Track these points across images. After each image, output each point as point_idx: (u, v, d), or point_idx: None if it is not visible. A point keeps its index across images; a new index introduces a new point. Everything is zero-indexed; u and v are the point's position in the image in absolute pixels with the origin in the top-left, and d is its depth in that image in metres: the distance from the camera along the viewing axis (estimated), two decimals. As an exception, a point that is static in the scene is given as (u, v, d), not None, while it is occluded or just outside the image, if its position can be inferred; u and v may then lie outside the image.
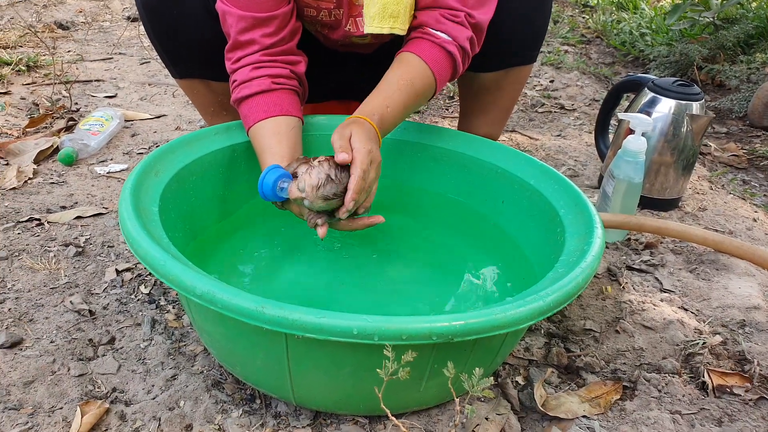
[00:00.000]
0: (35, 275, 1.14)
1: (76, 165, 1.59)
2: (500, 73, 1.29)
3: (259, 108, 1.05)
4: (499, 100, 1.35)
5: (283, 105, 1.06)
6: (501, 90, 1.33)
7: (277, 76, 1.07)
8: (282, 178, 0.93)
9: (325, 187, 0.88)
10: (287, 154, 1.01)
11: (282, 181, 0.92)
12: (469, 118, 1.41)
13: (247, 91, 1.05)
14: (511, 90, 1.34)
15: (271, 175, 0.92)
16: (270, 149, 1.02)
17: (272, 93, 1.06)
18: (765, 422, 0.90)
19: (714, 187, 1.67)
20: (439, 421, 0.88)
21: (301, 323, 0.68)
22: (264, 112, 1.04)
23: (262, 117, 1.04)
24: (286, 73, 1.08)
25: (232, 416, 0.87)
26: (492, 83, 1.31)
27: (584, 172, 1.72)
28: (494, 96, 1.34)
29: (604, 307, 1.14)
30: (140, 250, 0.78)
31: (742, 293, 1.16)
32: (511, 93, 1.35)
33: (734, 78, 2.35)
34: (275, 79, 1.06)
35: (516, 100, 1.40)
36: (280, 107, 1.05)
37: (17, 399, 0.87)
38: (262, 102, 1.05)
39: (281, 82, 1.07)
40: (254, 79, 1.05)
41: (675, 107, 1.44)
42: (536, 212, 1.07)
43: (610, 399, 0.93)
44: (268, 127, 1.04)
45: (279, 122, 1.04)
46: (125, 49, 2.63)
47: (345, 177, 0.90)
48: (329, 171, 0.89)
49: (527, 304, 0.73)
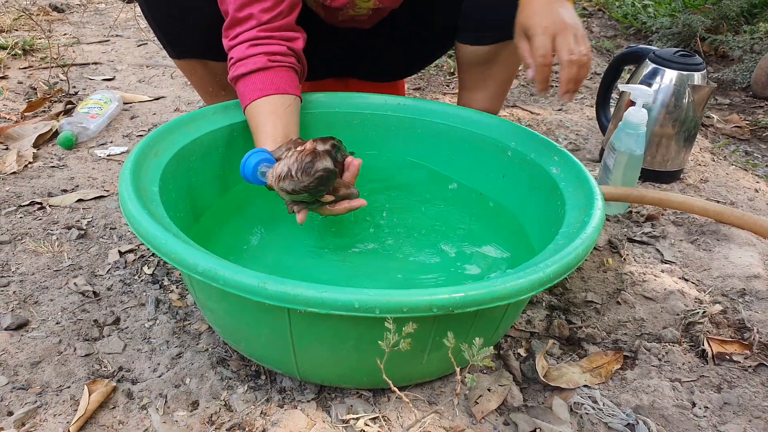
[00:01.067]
0: (39, 258, 1.14)
1: (75, 148, 1.59)
2: (497, 47, 1.27)
3: (255, 87, 1.04)
4: (498, 74, 1.34)
5: (279, 83, 1.05)
6: (499, 63, 1.32)
7: (273, 53, 1.06)
8: (264, 162, 0.93)
9: (284, 180, 0.89)
10: (281, 134, 1.01)
11: (263, 165, 0.93)
12: (468, 93, 1.40)
13: (244, 69, 1.05)
14: (509, 63, 1.33)
15: (253, 159, 0.93)
16: (264, 129, 1.02)
17: (269, 71, 1.05)
18: (764, 388, 0.90)
19: (716, 159, 1.67)
20: (442, 393, 0.89)
21: (303, 298, 0.69)
22: (260, 91, 1.04)
23: (257, 96, 1.04)
24: (283, 50, 1.08)
25: (237, 392, 0.88)
26: (489, 57, 1.30)
27: (586, 145, 1.72)
28: (492, 70, 1.33)
29: (606, 279, 1.15)
30: (142, 229, 0.78)
31: (742, 263, 1.16)
32: (508, 66, 1.34)
33: (737, 48, 2.33)
34: (272, 56, 1.06)
35: (515, 74, 1.39)
36: (276, 86, 1.05)
37: (25, 379, 0.89)
38: (258, 80, 1.04)
39: (278, 60, 1.07)
40: (251, 57, 1.05)
41: (676, 78, 1.43)
42: (537, 186, 1.07)
43: (611, 369, 0.94)
44: (264, 106, 1.04)
45: (275, 101, 1.04)
46: (122, 31, 2.61)
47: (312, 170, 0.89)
48: (293, 165, 0.88)
49: (527, 276, 0.73)
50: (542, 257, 0.80)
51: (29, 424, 0.81)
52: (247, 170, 0.94)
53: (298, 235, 1.15)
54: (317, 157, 0.90)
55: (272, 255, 1.12)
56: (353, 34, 1.34)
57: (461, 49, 1.31)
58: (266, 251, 1.12)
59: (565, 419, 0.85)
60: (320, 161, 0.91)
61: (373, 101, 1.26)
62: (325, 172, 0.90)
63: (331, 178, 0.92)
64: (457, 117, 1.21)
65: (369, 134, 1.25)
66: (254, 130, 1.04)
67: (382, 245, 1.15)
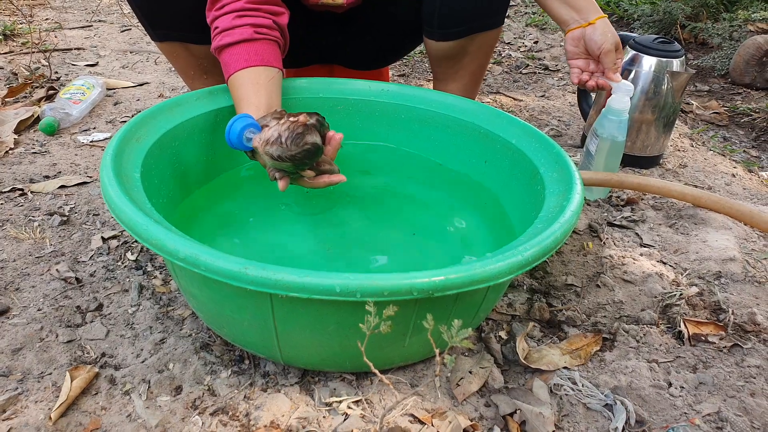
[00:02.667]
0: (20, 245, 1.14)
1: (58, 134, 1.58)
2: (464, 41, 1.27)
3: (240, 57, 1.04)
4: (469, 65, 1.33)
5: (264, 55, 1.05)
6: (468, 56, 1.31)
7: (259, 25, 1.06)
8: (250, 127, 0.93)
9: (272, 146, 0.90)
10: (264, 104, 1.01)
11: (249, 131, 0.93)
12: (441, 84, 1.40)
13: (229, 39, 1.05)
14: (479, 54, 1.32)
15: (239, 123, 0.93)
16: (247, 99, 1.02)
17: (254, 42, 1.05)
18: (738, 368, 0.93)
19: (695, 144, 1.69)
20: (424, 376, 0.90)
21: (284, 283, 0.69)
22: (245, 61, 1.04)
23: (242, 66, 1.04)
24: (268, 23, 1.07)
25: (221, 377, 0.89)
26: (458, 51, 1.29)
27: (567, 131, 1.73)
28: (462, 62, 1.32)
29: (586, 263, 1.16)
30: (122, 215, 0.78)
31: (718, 246, 1.19)
32: (479, 57, 1.33)
33: (716, 36, 2.35)
34: (258, 28, 1.06)
35: (487, 64, 1.38)
36: (261, 57, 1.04)
37: (6, 366, 0.89)
38: (243, 51, 1.04)
39: (263, 32, 1.06)
40: (236, 28, 1.05)
41: (656, 65, 1.44)
42: (518, 171, 1.08)
43: (590, 350, 0.95)
44: (247, 76, 1.03)
45: (259, 72, 1.04)
46: (105, 17, 2.58)
47: (301, 141, 0.90)
48: (283, 132, 0.89)
49: (506, 259, 0.74)
50: (521, 241, 0.81)
51: (10, 411, 0.82)
52: (233, 134, 0.93)
53: (284, 221, 1.16)
54: (308, 129, 0.91)
55: (258, 240, 1.12)
56: (330, 19, 1.33)
57: (428, 44, 1.31)
58: (252, 236, 1.13)
59: (545, 400, 0.86)
60: (311, 135, 0.92)
61: (356, 87, 1.26)
62: (313, 146, 0.91)
63: (317, 153, 0.93)
64: (440, 103, 1.22)
65: (353, 120, 1.26)
66: (237, 99, 1.04)
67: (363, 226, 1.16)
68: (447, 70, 1.34)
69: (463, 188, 1.20)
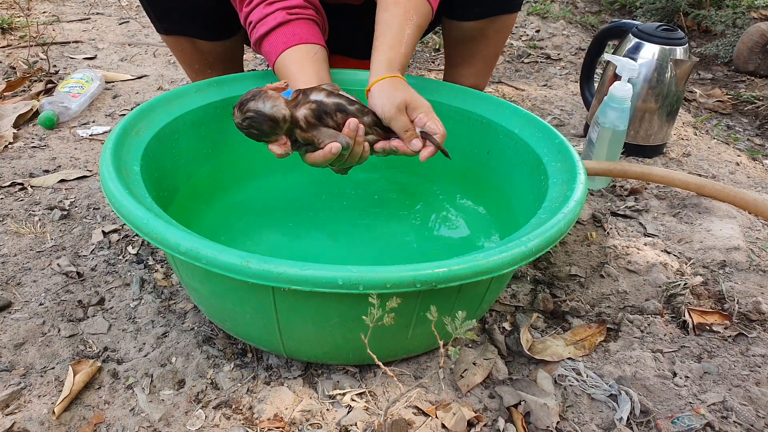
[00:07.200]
0: (21, 239, 1.13)
1: (57, 128, 1.57)
2: (484, 22, 1.27)
3: (278, 41, 1.03)
4: (484, 50, 1.34)
5: (301, 34, 1.03)
6: (486, 39, 1.32)
7: (291, 7, 1.04)
8: None
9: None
10: (311, 80, 0.98)
11: None
12: (454, 69, 1.40)
13: (264, 29, 1.03)
14: (496, 39, 1.33)
15: None
16: (293, 78, 0.99)
17: (289, 24, 1.03)
18: (743, 357, 0.92)
19: (698, 133, 1.68)
20: (428, 368, 0.90)
21: (286, 276, 0.68)
22: (283, 44, 1.02)
23: (281, 50, 1.02)
24: (300, 2, 1.05)
25: (224, 370, 0.88)
26: (476, 32, 1.30)
27: (570, 121, 1.72)
28: (479, 46, 1.32)
29: (589, 253, 1.16)
30: (123, 209, 0.77)
31: (723, 235, 1.18)
32: (496, 42, 1.34)
33: (720, 23, 2.33)
34: (290, 10, 1.04)
35: (501, 50, 1.39)
36: (298, 36, 1.03)
37: (8, 360, 0.88)
38: (280, 35, 1.03)
39: (297, 12, 1.05)
40: (269, 15, 1.03)
41: (659, 52, 1.43)
42: (521, 161, 1.07)
43: (594, 341, 0.95)
44: (289, 57, 1.02)
45: (300, 50, 1.02)
46: (103, 9, 2.57)
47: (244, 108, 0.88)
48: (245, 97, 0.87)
49: (509, 250, 0.73)
50: (524, 231, 0.80)
51: (13, 406, 0.81)
52: None
53: (286, 214, 1.15)
54: (264, 97, 0.87)
55: (260, 233, 1.11)
56: (346, 11, 1.32)
57: (448, 24, 1.30)
58: (254, 230, 1.12)
59: (549, 391, 0.86)
60: (260, 101, 0.87)
61: (359, 78, 1.25)
62: (256, 113, 0.86)
63: (263, 123, 0.87)
64: (442, 93, 1.20)
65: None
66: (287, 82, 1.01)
67: (367, 220, 1.15)
68: (463, 53, 1.34)
69: (466, 179, 1.19)
